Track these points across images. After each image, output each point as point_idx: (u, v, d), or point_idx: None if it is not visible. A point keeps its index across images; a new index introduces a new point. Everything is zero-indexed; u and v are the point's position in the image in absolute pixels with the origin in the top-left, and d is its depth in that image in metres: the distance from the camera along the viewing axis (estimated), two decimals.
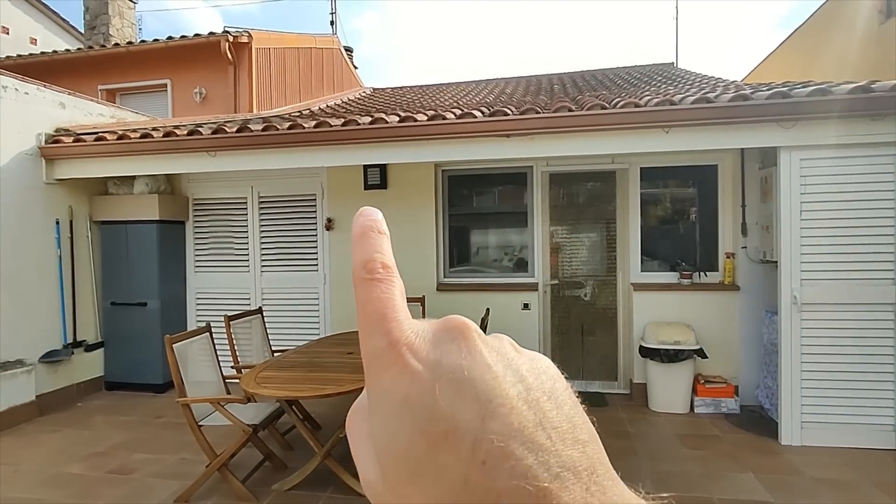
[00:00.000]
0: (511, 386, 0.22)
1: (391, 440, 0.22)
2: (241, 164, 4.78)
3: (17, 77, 4.88)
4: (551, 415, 0.22)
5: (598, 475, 0.22)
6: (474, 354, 0.23)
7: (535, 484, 0.20)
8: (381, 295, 0.25)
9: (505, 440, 0.21)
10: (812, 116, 3.72)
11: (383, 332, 0.24)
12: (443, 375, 0.22)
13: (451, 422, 0.21)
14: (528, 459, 0.20)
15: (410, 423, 0.22)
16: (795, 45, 8.01)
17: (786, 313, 3.86)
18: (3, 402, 4.38)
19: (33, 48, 9.97)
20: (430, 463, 0.21)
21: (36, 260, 4.89)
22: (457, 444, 0.21)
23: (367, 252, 0.27)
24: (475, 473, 0.20)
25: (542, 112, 4.15)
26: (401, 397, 0.22)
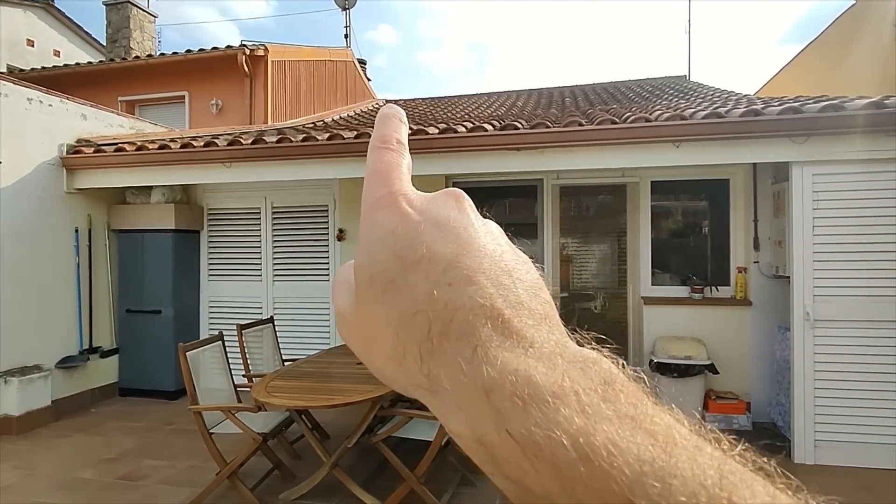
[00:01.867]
0: (489, 242, 0.25)
1: (371, 263, 0.25)
2: (256, 175, 4.86)
3: (41, 89, 5.03)
4: (518, 272, 0.25)
5: (550, 321, 0.24)
6: (463, 213, 0.26)
7: (491, 305, 0.22)
8: (390, 160, 0.28)
9: (473, 272, 0.23)
10: (825, 132, 3.70)
11: (386, 183, 0.27)
12: (430, 220, 0.25)
13: (428, 251, 0.24)
14: (490, 289, 0.23)
15: (391, 249, 0.24)
16: (810, 59, 7.98)
17: (798, 329, 3.81)
18: (20, 407, 4.46)
19: (57, 60, 10.26)
20: (402, 280, 0.24)
21: (55, 267, 5.00)
22: (429, 268, 0.23)
23: (387, 129, 0.30)
24: (441, 290, 0.23)
25: (553, 126, 4.18)
26: (389, 229, 0.25)
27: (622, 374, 0.22)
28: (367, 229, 0.26)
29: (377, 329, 0.24)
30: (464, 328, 0.22)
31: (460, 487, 3.36)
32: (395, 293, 0.24)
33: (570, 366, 0.21)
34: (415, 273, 0.23)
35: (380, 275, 0.24)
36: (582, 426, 0.19)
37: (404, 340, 0.23)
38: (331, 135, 4.63)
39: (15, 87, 4.74)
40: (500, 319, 0.22)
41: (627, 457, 0.18)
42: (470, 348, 0.21)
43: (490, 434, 0.20)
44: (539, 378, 0.20)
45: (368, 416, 3.09)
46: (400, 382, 0.24)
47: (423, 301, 0.23)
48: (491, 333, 0.22)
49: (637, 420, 0.19)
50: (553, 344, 0.22)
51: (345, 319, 0.27)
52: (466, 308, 0.22)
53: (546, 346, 0.22)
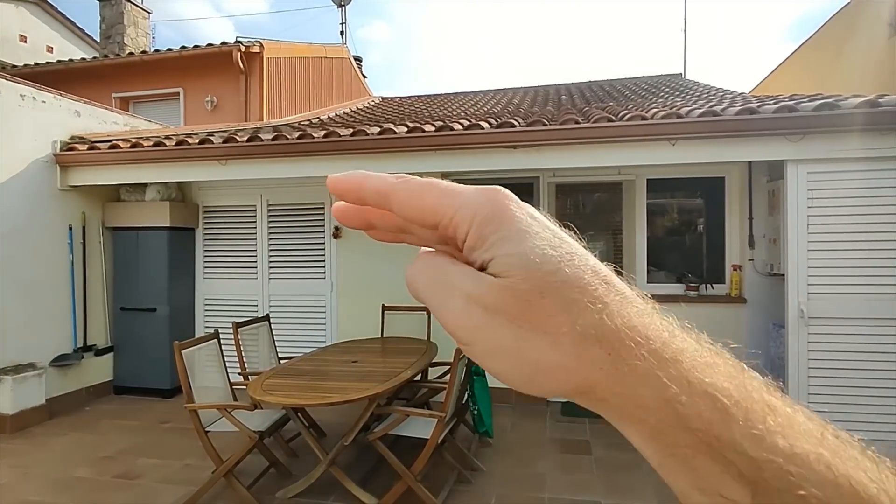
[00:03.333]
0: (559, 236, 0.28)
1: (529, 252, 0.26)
2: (251, 172, 4.84)
3: (34, 86, 4.99)
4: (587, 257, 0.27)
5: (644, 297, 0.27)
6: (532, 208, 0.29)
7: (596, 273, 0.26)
8: (422, 180, 0.28)
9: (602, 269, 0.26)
10: (820, 130, 3.72)
11: (472, 192, 0.28)
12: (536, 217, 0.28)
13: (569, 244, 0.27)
14: (591, 261, 0.26)
15: (542, 233, 0.26)
16: (805, 57, 8.00)
17: (793, 327, 3.84)
18: (14, 405, 4.44)
19: (50, 56, 10.17)
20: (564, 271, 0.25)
21: (49, 265, 4.97)
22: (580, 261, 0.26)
23: (374, 177, 0.29)
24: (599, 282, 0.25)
25: (550, 124, 4.18)
26: (527, 216, 0.27)
27: (707, 340, 0.28)
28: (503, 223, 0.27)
29: (543, 313, 0.25)
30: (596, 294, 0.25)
31: (457, 485, 3.36)
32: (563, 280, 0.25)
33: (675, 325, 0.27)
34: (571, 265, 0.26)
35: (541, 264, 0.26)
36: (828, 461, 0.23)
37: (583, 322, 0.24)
38: (327, 132, 4.61)
39: (7, 84, 4.70)
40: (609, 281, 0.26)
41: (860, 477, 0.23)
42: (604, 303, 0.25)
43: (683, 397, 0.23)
44: (657, 324, 0.25)
45: (365, 413, 3.09)
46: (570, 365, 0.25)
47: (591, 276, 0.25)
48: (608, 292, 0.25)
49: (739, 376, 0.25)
50: (651, 307, 0.27)
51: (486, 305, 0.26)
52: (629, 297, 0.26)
53: (647, 305, 0.26)
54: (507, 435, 4.33)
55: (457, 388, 3.16)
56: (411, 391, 4.13)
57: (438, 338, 4.61)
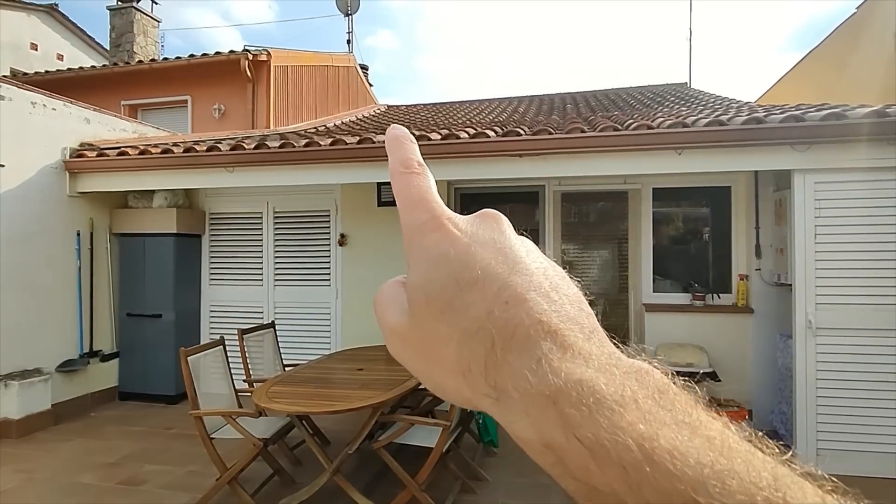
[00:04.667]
0: (532, 261, 0.27)
1: (428, 284, 0.26)
2: (258, 179, 4.87)
3: (45, 93, 5.04)
4: (562, 288, 0.27)
5: (598, 334, 0.26)
6: (505, 234, 0.28)
7: (548, 321, 0.24)
8: (420, 183, 0.29)
9: (525, 290, 0.25)
10: (826, 140, 3.71)
11: (426, 208, 0.28)
12: (477, 241, 0.27)
13: (483, 271, 0.26)
14: (543, 305, 0.25)
15: (447, 271, 0.26)
16: (811, 67, 8.00)
17: (800, 337, 3.81)
18: (20, 410, 4.45)
19: (60, 64, 10.30)
20: (460, 301, 0.25)
21: (57, 270, 5.00)
22: (485, 288, 0.25)
23: (405, 152, 0.31)
24: (499, 308, 0.24)
25: (555, 133, 4.19)
26: (442, 251, 0.27)
27: (674, 384, 0.23)
28: (419, 253, 0.27)
29: (437, 345, 0.26)
30: (526, 342, 0.23)
31: (461, 494, 3.34)
32: (454, 312, 0.25)
33: (626, 376, 0.22)
34: (471, 293, 0.25)
35: (437, 296, 0.26)
36: (645, 431, 0.20)
37: (468, 355, 0.24)
38: (333, 140, 4.64)
39: (18, 91, 4.76)
40: (557, 334, 0.24)
41: (689, 459, 0.19)
42: (534, 360, 0.23)
43: (558, 439, 0.21)
44: (602, 387, 0.21)
45: (369, 421, 3.08)
46: (464, 394, 0.25)
47: (484, 318, 0.24)
48: (551, 346, 0.23)
49: (693, 426, 0.21)
50: (607, 356, 0.24)
51: (400, 336, 0.28)
52: (526, 324, 0.24)
53: (601, 357, 0.23)
54: (512, 444, 4.23)
55: None
56: (416, 399, 4.11)
57: None
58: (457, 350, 0.25)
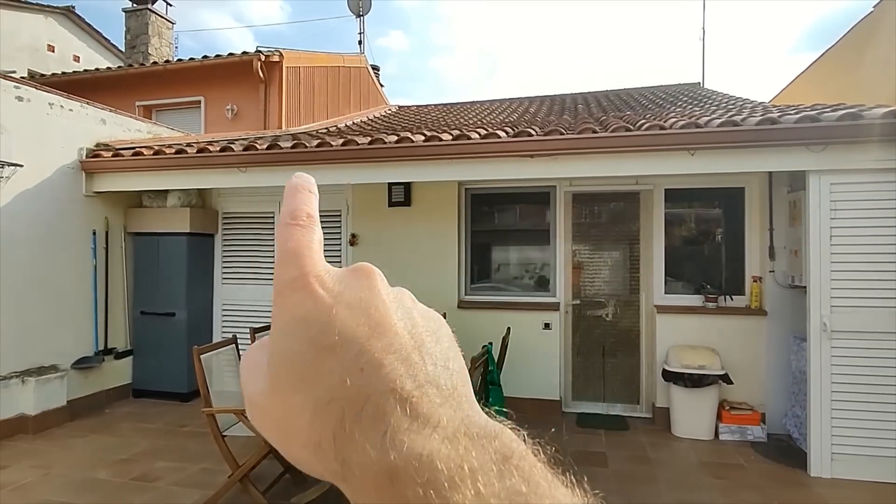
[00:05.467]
0: (399, 319, 0.26)
1: (286, 350, 0.25)
2: (270, 179, 4.91)
3: (63, 94, 5.12)
4: (428, 345, 0.26)
5: (458, 394, 0.25)
6: (373, 291, 0.27)
7: (401, 388, 0.23)
8: (300, 237, 0.28)
9: (384, 354, 0.24)
10: (842, 141, 3.67)
11: (298, 265, 0.27)
12: (342, 301, 0.26)
13: (341, 336, 0.24)
14: (400, 370, 0.24)
15: (305, 335, 0.25)
16: (825, 67, 7.89)
17: (815, 340, 3.76)
18: (36, 406, 4.52)
19: (76, 65, 10.46)
20: (317, 368, 0.24)
21: (73, 268, 5.08)
22: (342, 354, 0.24)
23: (297, 203, 0.29)
24: (354, 376, 0.23)
25: (567, 133, 4.18)
26: (302, 314, 0.25)
27: (520, 448, 0.23)
28: (281, 314, 0.26)
29: (292, 417, 0.24)
30: (375, 413, 0.22)
31: None
32: (310, 382, 0.24)
33: (472, 443, 0.22)
34: (329, 360, 0.24)
35: (295, 362, 0.25)
36: None
37: (319, 429, 0.23)
38: (345, 140, 4.66)
39: (37, 92, 4.84)
40: (410, 401, 0.23)
41: None
42: (380, 434, 0.22)
43: None
44: (441, 462, 0.21)
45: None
46: (317, 470, 0.24)
47: (337, 388, 0.23)
48: (401, 416, 0.22)
49: (526, 496, 0.20)
50: (458, 421, 0.23)
51: (258, 407, 0.26)
52: (378, 393, 0.23)
53: (451, 424, 0.23)
54: None
55: None
56: None
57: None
58: (309, 422, 0.23)
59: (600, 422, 4.85)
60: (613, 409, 5.13)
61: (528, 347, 5.02)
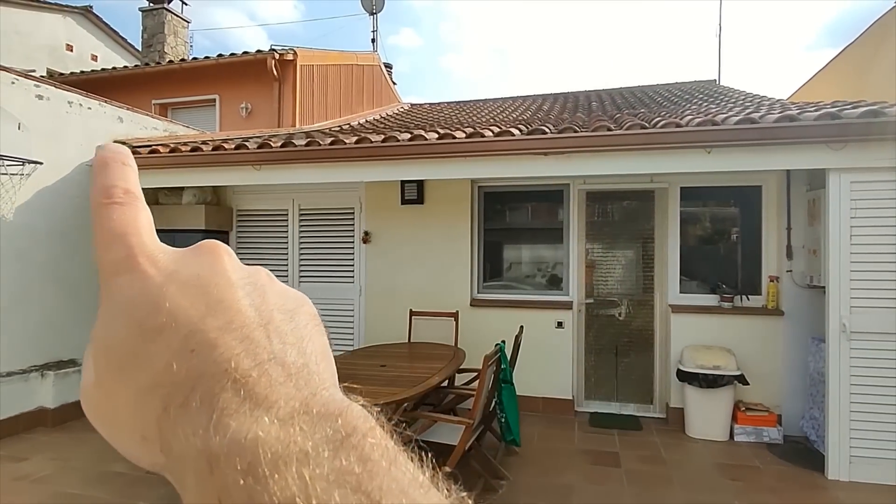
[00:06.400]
0: (245, 295, 0.24)
1: (109, 335, 0.23)
2: (285, 177, 4.94)
3: (81, 93, 5.20)
4: (278, 322, 0.24)
5: (308, 371, 0.23)
6: (215, 267, 0.25)
7: (236, 367, 0.21)
8: (122, 216, 0.25)
9: (219, 333, 0.22)
10: (863, 138, 3.59)
11: (124, 245, 0.24)
12: (176, 280, 0.23)
13: (170, 316, 0.22)
14: (237, 349, 0.22)
15: (129, 318, 0.23)
16: (843, 64, 7.75)
17: (834, 341, 3.70)
18: (56, 400, 4.61)
19: (94, 64, 10.60)
20: (142, 353, 0.22)
21: (91, 265, 5.15)
22: (170, 336, 0.22)
23: (109, 179, 0.26)
24: (182, 359, 0.21)
25: (581, 131, 4.15)
26: (128, 296, 0.23)
27: (364, 426, 0.21)
28: (106, 298, 0.24)
29: (117, 408, 0.23)
30: (204, 397, 0.20)
31: (484, 493, 3.34)
32: (134, 368, 0.22)
33: (309, 422, 0.20)
34: (155, 343, 0.22)
35: (117, 348, 0.23)
36: (294, 491, 0.18)
37: (142, 418, 0.21)
38: (358, 138, 4.67)
39: (56, 91, 4.92)
40: (245, 382, 0.21)
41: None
42: (206, 419, 0.20)
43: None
44: (265, 446, 0.19)
45: (392, 418, 3.09)
46: (145, 462, 0.22)
47: (162, 373, 0.21)
48: (231, 397, 0.20)
49: (359, 476, 0.19)
50: (299, 401, 0.21)
51: (86, 397, 0.24)
52: (209, 374, 0.21)
53: (290, 404, 0.21)
54: (535, 444, 4.29)
55: (485, 394, 3.15)
56: (438, 397, 4.12)
57: (466, 344, 4.60)
58: (132, 413, 0.22)
59: (613, 421, 4.82)
60: (626, 408, 5.09)
61: (541, 346, 5.00)
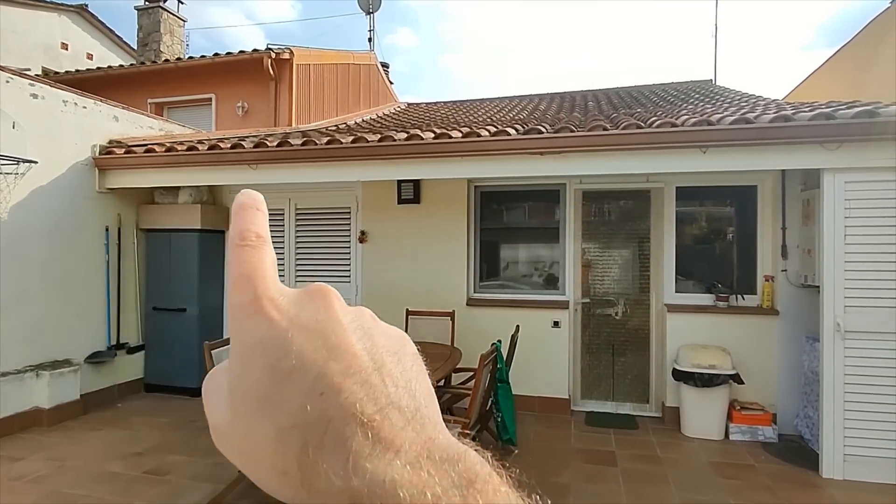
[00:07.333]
0: (357, 340, 0.26)
1: (245, 376, 0.25)
2: (281, 177, 4.93)
3: (77, 92, 5.18)
4: (389, 366, 0.26)
5: (420, 415, 0.24)
6: (330, 312, 0.26)
7: (361, 412, 0.23)
8: (251, 259, 0.27)
9: (342, 378, 0.24)
10: (858, 138, 3.62)
11: (251, 287, 0.26)
12: (298, 325, 0.25)
13: (298, 360, 0.24)
14: (360, 393, 0.23)
15: (263, 361, 0.24)
16: (839, 64, 7.79)
17: (828, 341, 3.73)
18: (51, 400, 4.59)
19: (90, 63, 10.54)
20: (277, 394, 0.24)
21: (86, 264, 5.14)
22: (300, 379, 0.24)
23: (244, 223, 0.29)
24: (314, 401, 0.23)
25: (577, 130, 4.16)
26: (258, 339, 0.25)
27: (485, 470, 0.23)
28: (238, 339, 0.26)
29: (256, 445, 0.24)
30: (337, 439, 0.22)
31: None
32: (271, 408, 0.24)
33: (434, 468, 0.22)
34: (287, 385, 0.24)
35: (254, 389, 0.24)
36: None
37: (283, 456, 0.23)
38: (355, 138, 4.67)
39: (51, 90, 4.90)
40: (371, 426, 0.23)
41: None
42: (342, 461, 0.22)
43: None
44: (403, 490, 0.21)
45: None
46: (286, 495, 0.24)
47: (297, 414, 0.23)
48: (362, 441, 0.22)
49: None
50: (421, 445, 0.23)
51: (222, 435, 0.26)
52: (339, 418, 0.23)
53: (413, 448, 0.22)
54: (531, 443, 4.30)
55: (481, 394, 3.15)
56: None
57: (463, 343, 4.61)
58: (273, 450, 0.23)
59: (609, 421, 4.84)
60: (622, 408, 5.11)
61: (537, 345, 5.01)
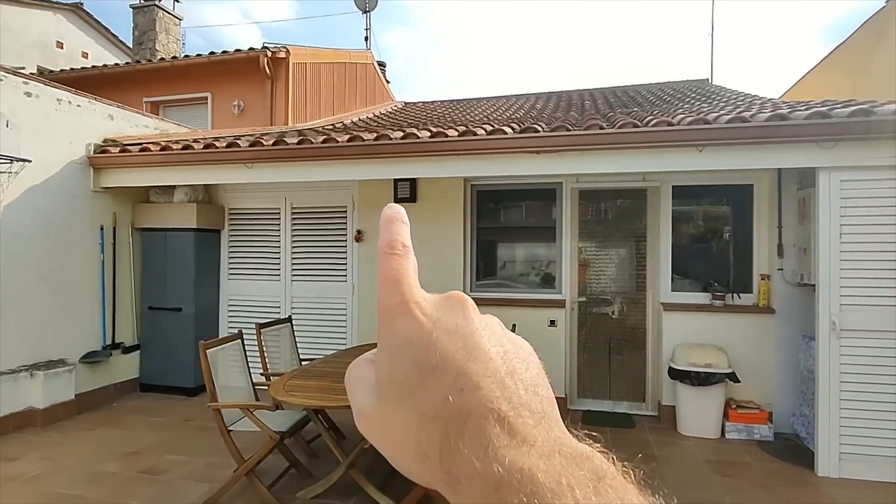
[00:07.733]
0: (491, 346, 0.28)
1: (393, 369, 0.28)
2: (277, 176, 4.92)
3: (71, 90, 5.15)
4: (519, 371, 0.28)
5: (549, 418, 0.27)
6: (468, 319, 0.29)
7: (498, 409, 0.25)
8: (398, 266, 0.30)
9: (480, 377, 0.26)
10: (853, 137, 3.62)
11: (398, 291, 0.29)
12: (441, 327, 0.28)
13: (442, 358, 0.27)
14: (496, 392, 0.26)
15: (409, 356, 0.27)
16: (836, 63, 7.81)
17: (824, 339, 3.73)
18: (45, 400, 4.57)
19: (85, 62, 10.50)
20: (420, 386, 0.26)
21: (81, 263, 5.12)
22: (443, 375, 0.26)
23: (392, 233, 0.32)
24: (455, 395, 0.26)
25: (573, 129, 4.15)
26: (406, 337, 0.28)
27: (612, 469, 0.25)
28: (387, 336, 0.29)
29: (400, 429, 0.27)
30: (476, 430, 0.25)
31: None
32: (415, 398, 0.27)
33: (566, 462, 0.24)
34: (431, 380, 0.26)
35: (401, 381, 0.27)
36: None
37: (425, 441, 0.26)
38: (351, 136, 4.66)
39: (45, 88, 4.87)
40: (507, 421, 0.25)
41: None
42: (482, 448, 0.24)
43: None
44: (541, 475, 0.23)
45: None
46: (424, 477, 0.27)
47: (440, 406, 0.26)
48: (499, 434, 0.25)
49: None
50: (552, 442, 0.25)
51: (368, 418, 0.29)
52: (477, 412, 0.25)
53: (546, 444, 0.25)
54: None
55: None
56: None
57: None
58: (416, 435, 0.26)
59: (606, 419, 4.84)
60: (619, 406, 5.11)
61: (534, 344, 4.77)
